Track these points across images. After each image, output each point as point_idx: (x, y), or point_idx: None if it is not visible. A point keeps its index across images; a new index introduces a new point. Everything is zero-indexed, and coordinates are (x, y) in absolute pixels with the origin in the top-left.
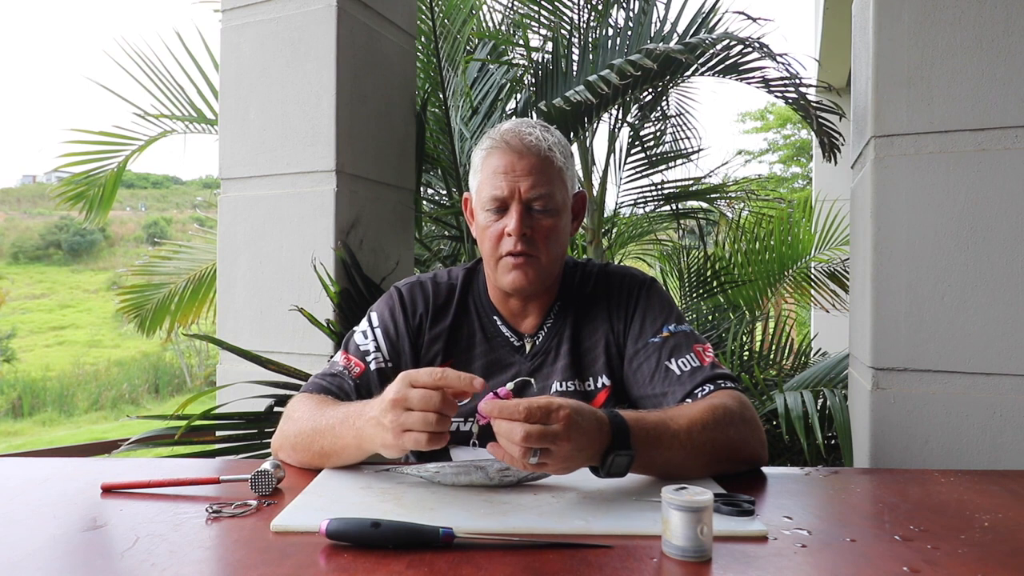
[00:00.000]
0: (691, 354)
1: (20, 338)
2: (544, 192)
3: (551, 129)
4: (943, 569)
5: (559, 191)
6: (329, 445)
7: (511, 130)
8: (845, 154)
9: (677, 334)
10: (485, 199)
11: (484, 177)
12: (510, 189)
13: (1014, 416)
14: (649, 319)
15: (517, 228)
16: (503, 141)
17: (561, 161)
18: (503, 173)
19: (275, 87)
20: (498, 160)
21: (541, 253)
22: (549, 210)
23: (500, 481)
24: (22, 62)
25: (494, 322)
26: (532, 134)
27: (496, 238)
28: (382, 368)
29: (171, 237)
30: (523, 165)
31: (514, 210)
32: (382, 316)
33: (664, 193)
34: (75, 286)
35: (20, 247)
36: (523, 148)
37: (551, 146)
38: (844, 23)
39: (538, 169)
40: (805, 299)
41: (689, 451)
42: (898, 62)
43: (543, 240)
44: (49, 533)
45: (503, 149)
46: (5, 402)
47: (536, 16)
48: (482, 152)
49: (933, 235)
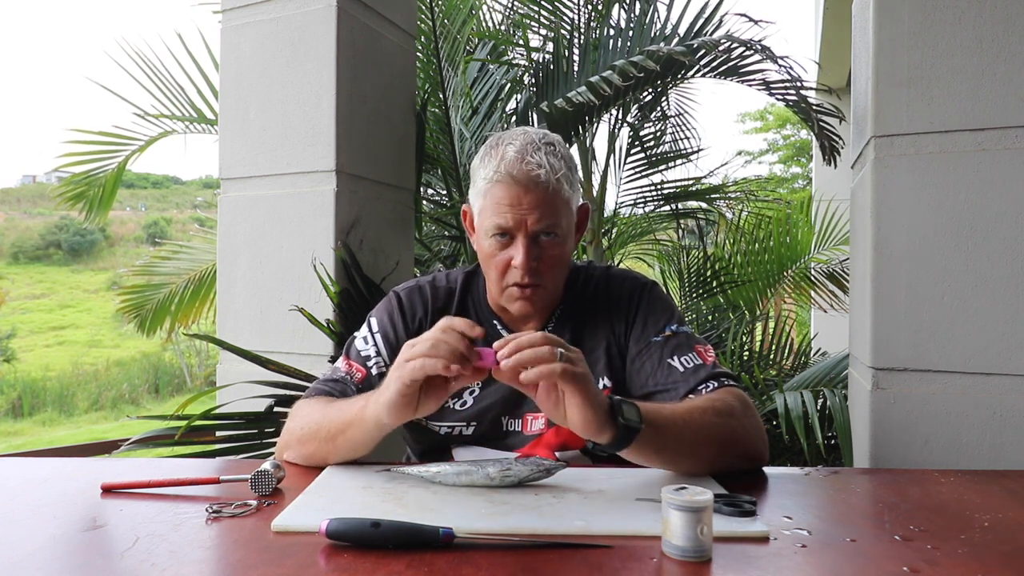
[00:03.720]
0: (693, 353)
1: (20, 338)
2: (550, 224)
3: (556, 147)
4: (943, 569)
5: (565, 218)
6: (336, 424)
7: (516, 161)
8: (845, 154)
9: (679, 334)
10: (489, 226)
11: (488, 204)
12: (516, 222)
13: (1014, 416)
14: (651, 320)
15: (524, 263)
16: (508, 175)
17: (568, 190)
18: (508, 206)
19: (275, 87)
20: (503, 192)
21: (547, 281)
22: (556, 239)
23: (500, 481)
24: (22, 62)
25: (493, 326)
26: (540, 163)
27: (502, 268)
28: (383, 373)
29: (171, 237)
30: (530, 200)
31: (520, 243)
32: (381, 321)
33: (664, 193)
34: (75, 286)
35: (20, 247)
36: (529, 182)
37: (559, 177)
38: (844, 24)
39: (546, 202)
40: (804, 299)
41: (693, 434)
42: (898, 62)
43: (549, 269)
44: (49, 533)
45: (508, 183)
46: (5, 402)
47: (536, 16)
48: (486, 178)
49: (933, 235)
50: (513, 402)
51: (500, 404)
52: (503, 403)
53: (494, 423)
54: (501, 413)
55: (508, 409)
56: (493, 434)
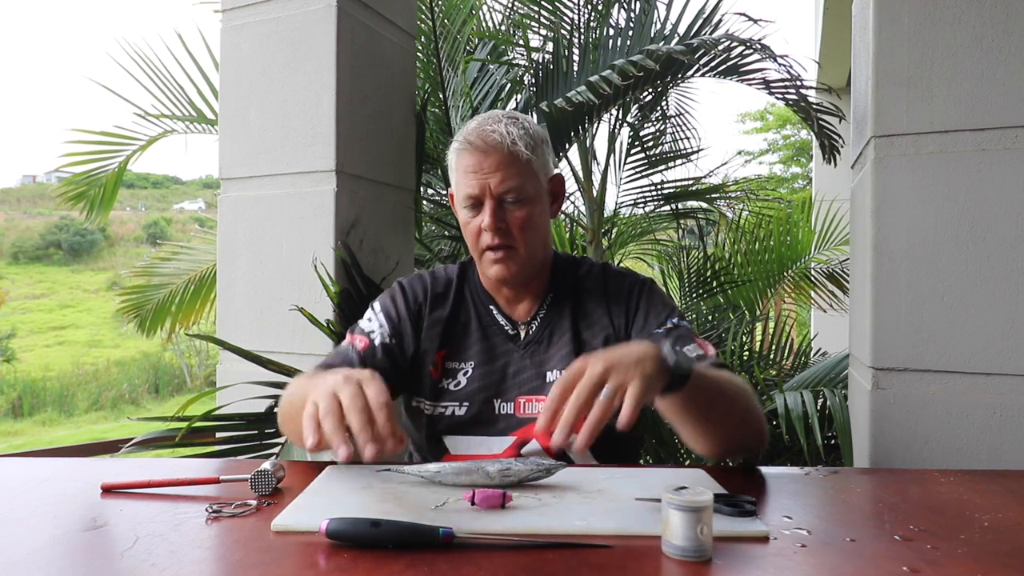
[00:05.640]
0: (694, 344)
1: (20, 338)
2: (513, 185)
3: (518, 119)
4: (943, 569)
5: (529, 182)
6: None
7: (475, 129)
8: (845, 154)
9: (680, 327)
10: (461, 197)
11: (458, 176)
12: (480, 187)
13: (1014, 416)
14: (653, 313)
15: (491, 224)
16: (467, 141)
17: (527, 153)
18: (473, 172)
19: (275, 87)
20: (467, 160)
21: (518, 243)
22: (521, 200)
23: (500, 480)
24: (22, 62)
25: (490, 311)
26: (496, 130)
27: (475, 234)
28: (386, 343)
29: (171, 237)
30: (490, 162)
31: (487, 207)
32: (384, 302)
33: (664, 193)
34: (75, 286)
35: (20, 247)
36: (486, 146)
37: (515, 139)
38: (844, 24)
39: (505, 164)
40: (804, 299)
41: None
42: (898, 62)
43: (519, 230)
44: (49, 533)
45: (469, 149)
46: (5, 402)
47: (536, 16)
48: (454, 152)
49: (933, 235)
50: (505, 385)
51: (493, 386)
52: (496, 385)
53: (486, 404)
54: (493, 395)
55: (500, 392)
56: (486, 416)
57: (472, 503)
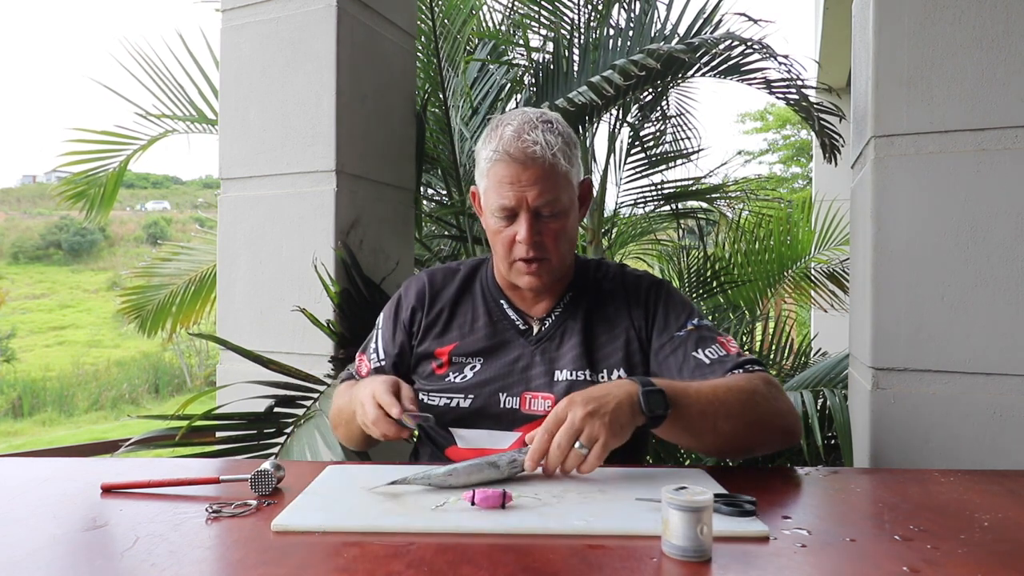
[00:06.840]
0: (716, 345)
1: (20, 338)
2: (551, 198)
3: (554, 124)
4: (943, 569)
5: (565, 192)
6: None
7: (513, 139)
8: (845, 154)
9: (701, 327)
10: (493, 207)
11: (490, 184)
12: (517, 199)
13: (1014, 416)
14: (672, 315)
15: (527, 237)
16: (505, 152)
17: (566, 164)
18: (510, 184)
19: (275, 87)
20: (504, 170)
21: (552, 254)
22: (557, 213)
23: (509, 473)
24: (22, 62)
25: (500, 306)
26: (536, 141)
27: (508, 244)
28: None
29: (171, 237)
30: (528, 176)
31: (523, 219)
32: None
33: (664, 193)
34: (75, 286)
35: (20, 247)
36: (527, 159)
37: (556, 151)
38: (844, 24)
39: (544, 177)
40: (804, 299)
41: (719, 407)
42: (898, 62)
43: (553, 242)
44: (49, 533)
45: (507, 160)
46: (5, 402)
47: (536, 16)
48: (487, 158)
49: (933, 235)
50: (512, 380)
51: (499, 380)
52: (502, 380)
53: (491, 398)
54: (499, 389)
55: (506, 386)
56: (491, 409)
57: (472, 503)
